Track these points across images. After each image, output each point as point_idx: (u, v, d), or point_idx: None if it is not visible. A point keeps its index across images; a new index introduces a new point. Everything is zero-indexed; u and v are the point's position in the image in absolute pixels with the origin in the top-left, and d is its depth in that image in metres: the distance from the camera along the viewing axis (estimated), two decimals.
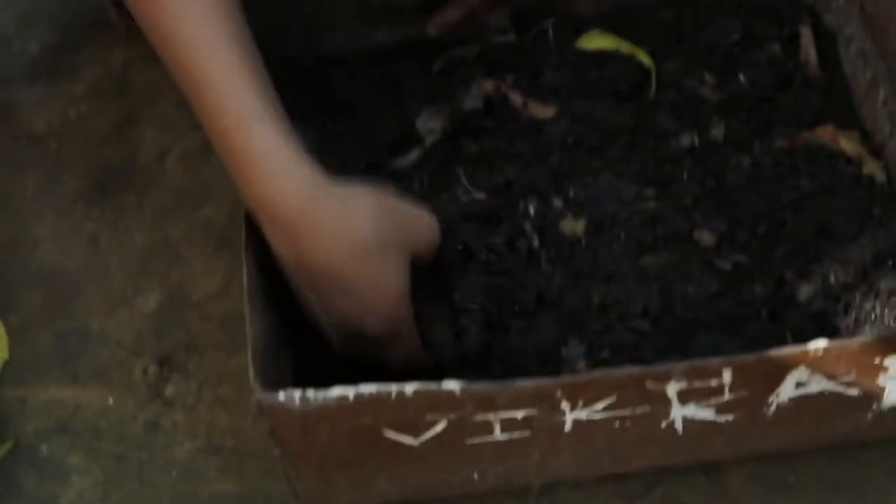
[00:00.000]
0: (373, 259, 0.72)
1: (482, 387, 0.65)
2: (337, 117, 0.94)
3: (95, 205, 1.06)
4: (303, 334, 0.81)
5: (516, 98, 0.92)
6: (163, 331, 0.98)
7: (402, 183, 0.88)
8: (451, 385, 0.64)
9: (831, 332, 0.81)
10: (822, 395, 0.72)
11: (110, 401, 0.95)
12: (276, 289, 0.80)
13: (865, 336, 0.67)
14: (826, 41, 0.96)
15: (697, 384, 0.68)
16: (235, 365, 0.96)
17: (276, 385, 0.70)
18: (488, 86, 0.93)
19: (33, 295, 1.01)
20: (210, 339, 0.97)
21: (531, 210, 0.86)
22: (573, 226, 0.86)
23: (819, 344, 0.67)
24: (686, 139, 0.91)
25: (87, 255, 1.03)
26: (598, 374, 0.66)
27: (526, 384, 0.65)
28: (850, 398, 0.73)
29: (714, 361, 0.67)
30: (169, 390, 0.95)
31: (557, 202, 0.87)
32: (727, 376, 0.68)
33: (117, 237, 1.04)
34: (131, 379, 0.96)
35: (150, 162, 1.09)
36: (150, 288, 1.01)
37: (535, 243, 0.84)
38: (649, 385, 0.67)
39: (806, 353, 0.67)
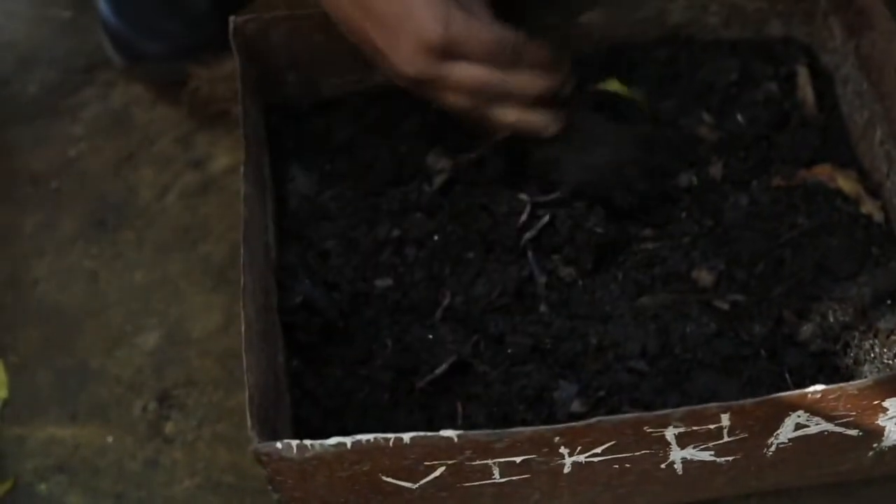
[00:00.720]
0: None
1: (480, 434, 0.65)
2: (335, 158, 0.94)
3: (95, 242, 1.07)
4: (304, 373, 0.82)
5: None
6: (162, 368, 0.98)
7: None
8: (449, 433, 0.64)
9: (831, 372, 0.81)
10: (822, 436, 0.72)
11: (109, 439, 0.95)
12: (274, 329, 0.80)
13: (864, 380, 0.67)
14: (823, 81, 0.96)
15: (696, 428, 0.68)
16: (235, 402, 0.96)
17: (275, 431, 0.70)
18: None
19: (33, 333, 1.01)
20: (209, 375, 0.98)
21: (529, 253, 0.86)
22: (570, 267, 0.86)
23: (817, 388, 0.67)
24: (684, 178, 0.91)
25: (86, 293, 1.04)
26: (596, 421, 0.66)
27: (523, 431, 0.65)
28: (850, 437, 0.73)
29: (712, 407, 0.67)
30: (168, 427, 0.95)
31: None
32: (725, 420, 0.68)
33: (117, 274, 1.05)
34: (130, 416, 0.96)
35: (150, 200, 1.10)
36: (149, 325, 1.01)
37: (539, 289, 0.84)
38: (648, 430, 0.67)
39: (804, 396, 0.68)
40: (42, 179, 1.12)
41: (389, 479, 0.68)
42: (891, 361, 0.81)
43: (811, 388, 0.67)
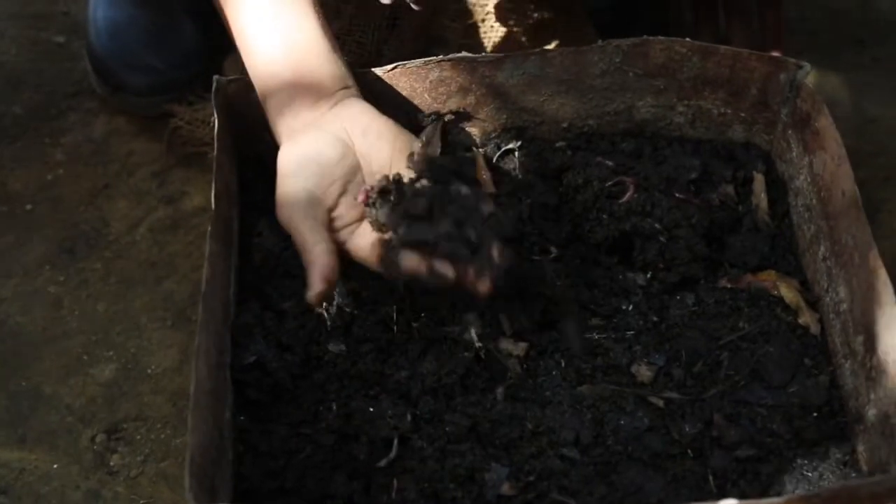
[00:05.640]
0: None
1: None
2: None
3: (62, 269, 1.09)
4: (250, 429, 0.84)
5: None
6: (115, 401, 1.01)
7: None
8: None
9: (752, 478, 0.84)
10: None
11: (55, 466, 0.97)
12: (224, 386, 0.83)
13: (774, 499, 0.70)
14: (778, 188, 1.00)
15: None
16: (181, 441, 0.98)
17: (213, 489, 0.72)
18: None
19: None
20: (160, 412, 1.00)
21: (473, 330, 0.89)
22: (514, 348, 0.89)
23: (730, 502, 0.70)
24: (641, 277, 0.94)
25: (48, 318, 1.06)
26: None
27: None
28: None
29: None
30: (114, 460, 0.98)
31: (504, 323, 0.90)
32: None
33: (80, 303, 1.07)
34: (78, 446, 0.98)
35: (121, 232, 1.12)
36: (106, 357, 1.04)
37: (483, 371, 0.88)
38: None
39: None
40: (17, 200, 1.14)
41: None
42: (810, 474, 0.84)
43: (725, 502, 0.70)
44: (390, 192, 0.85)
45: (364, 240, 0.87)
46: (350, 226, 0.87)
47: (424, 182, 0.86)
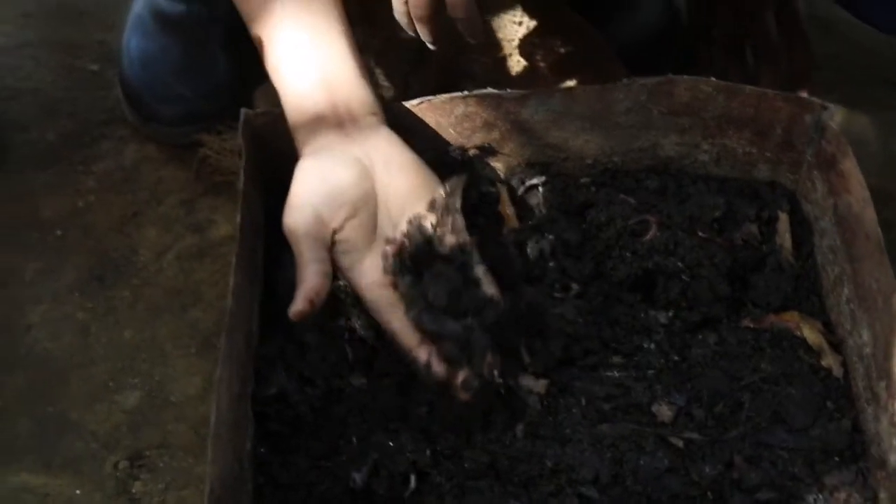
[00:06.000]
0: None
1: None
2: None
3: (91, 296, 1.10)
4: (271, 461, 0.85)
5: None
6: (138, 428, 1.02)
7: None
8: None
9: None
10: None
11: (78, 492, 0.98)
12: (245, 418, 0.84)
13: None
14: (803, 228, 1.00)
15: None
16: (203, 469, 0.98)
17: None
18: None
19: (18, 378, 1.04)
20: (182, 440, 1.01)
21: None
22: (534, 385, 0.89)
23: None
24: (663, 316, 0.94)
25: (75, 345, 1.07)
26: None
27: None
28: None
29: None
30: (136, 487, 0.98)
31: (525, 359, 0.90)
32: None
33: (107, 330, 1.08)
34: (101, 472, 0.99)
35: (149, 260, 1.13)
36: (131, 384, 1.05)
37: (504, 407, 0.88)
38: None
39: None
40: (48, 227, 1.16)
41: None
42: None
43: None
44: (412, 259, 0.87)
45: (368, 278, 0.88)
46: (354, 252, 0.88)
47: (445, 259, 0.88)
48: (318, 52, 0.90)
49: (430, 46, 0.93)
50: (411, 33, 0.91)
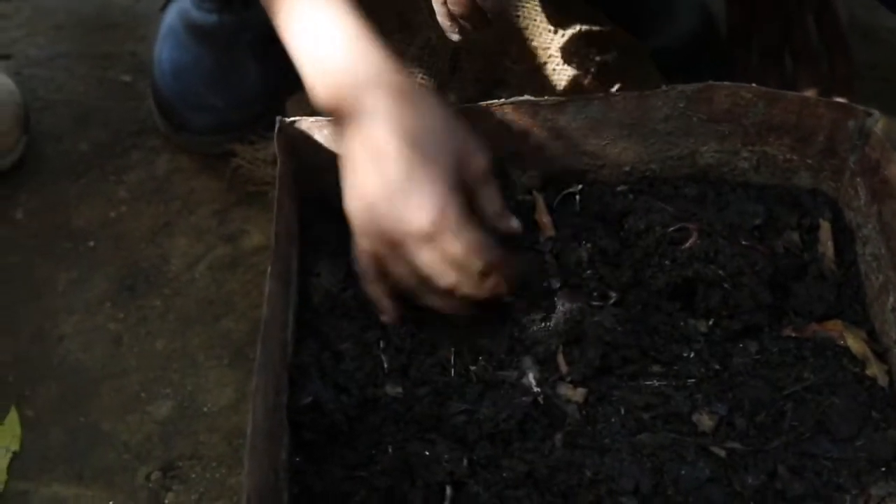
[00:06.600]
0: None
1: None
2: None
3: (122, 306, 1.10)
4: (306, 470, 0.84)
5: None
6: (170, 438, 1.01)
7: None
8: None
9: None
10: None
11: (111, 503, 0.97)
12: (280, 427, 0.83)
13: None
14: (845, 236, 0.98)
15: None
16: (236, 480, 0.98)
17: None
18: None
19: (51, 389, 1.04)
20: (215, 451, 1.00)
21: (531, 375, 0.88)
22: (573, 393, 0.88)
23: None
24: (702, 324, 0.93)
25: (107, 355, 1.07)
26: None
27: None
28: None
29: None
30: (168, 498, 0.97)
31: (562, 368, 0.89)
32: None
33: (139, 340, 1.08)
34: (134, 483, 0.98)
35: (180, 269, 1.13)
36: (163, 394, 1.04)
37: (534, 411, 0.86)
38: None
39: None
40: (81, 237, 1.16)
41: None
42: None
43: None
44: None
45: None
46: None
47: None
48: (337, 28, 0.89)
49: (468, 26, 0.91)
50: (454, 38, 0.90)
